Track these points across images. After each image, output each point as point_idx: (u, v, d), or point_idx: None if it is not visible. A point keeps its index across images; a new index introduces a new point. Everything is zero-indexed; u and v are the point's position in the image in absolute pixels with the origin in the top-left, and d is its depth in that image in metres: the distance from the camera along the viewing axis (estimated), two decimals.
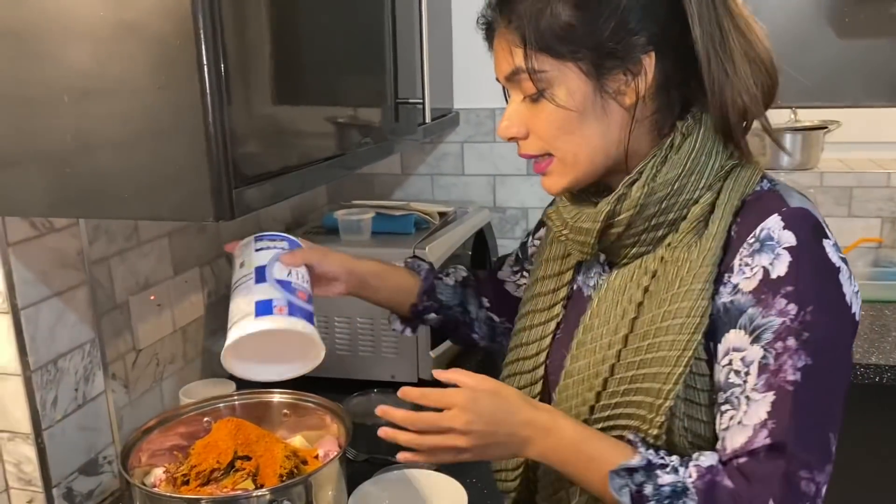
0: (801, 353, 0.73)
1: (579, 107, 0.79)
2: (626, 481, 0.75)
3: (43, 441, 1.06)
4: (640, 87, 0.78)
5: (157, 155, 0.82)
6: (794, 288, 0.74)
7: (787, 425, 0.72)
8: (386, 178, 2.14)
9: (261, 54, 0.93)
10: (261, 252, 0.95)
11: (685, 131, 0.80)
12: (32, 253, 1.03)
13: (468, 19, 1.94)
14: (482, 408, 0.79)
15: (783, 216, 0.76)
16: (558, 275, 0.95)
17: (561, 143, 0.82)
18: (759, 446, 0.72)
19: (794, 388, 0.72)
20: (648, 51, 0.77)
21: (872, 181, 1.96)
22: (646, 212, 0.80)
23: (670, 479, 0.74)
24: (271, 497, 0.89)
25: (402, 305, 1.13)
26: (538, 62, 0.78)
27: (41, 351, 1.05)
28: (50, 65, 0.82)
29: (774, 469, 0.72)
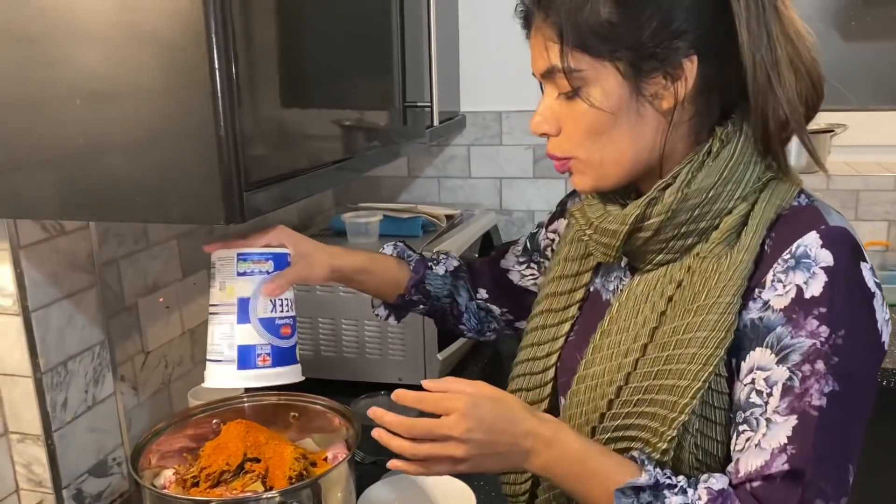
0: (829, 378, 0.70)
1: (614, 108, 0.76)
2: (632, 500, 0.72)
3: (53, 442, 1.06)
4: (680, 91, 0.75)
5: (168, 158, 0.82)
6: (827, 310, 0.71)
7: (809, 452, 0.70)
8: (393, 181, 2.15)
9: (270, 58, 0.94)
10: (243, 277, 0.91)
11: (724, 138, 0.77)
12: (43, 255, 1.04)
13: (474, 22, 1.96)
14: (483, 414, 0.75)
15: (822, 234, 0.73)
16: (576, 275, 0.93)
17: (589, 145, 0.79)
18: (776, 471, 0.70)
19: (819, 414, 0.70)
20: (690, 54, 0.74)
21: (879, 184, 1.96)
22: (677, 218, 0.77)
23: (679, 500, 0.71)
24: (281, 499, 0.90)
25: (390, 295, 1.12)
26: (574, 60, 0.75)
27: (51, 353, 1.06)
28: (62, 69, 0.82)
29: (789, 496, 0.69)
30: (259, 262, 0.92)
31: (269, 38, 0.94)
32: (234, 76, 0.81)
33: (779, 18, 0.74)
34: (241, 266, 0.92)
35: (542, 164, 2.04)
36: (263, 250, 0.94)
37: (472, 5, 1.97)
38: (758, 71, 0.74)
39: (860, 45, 2.11)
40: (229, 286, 0.91)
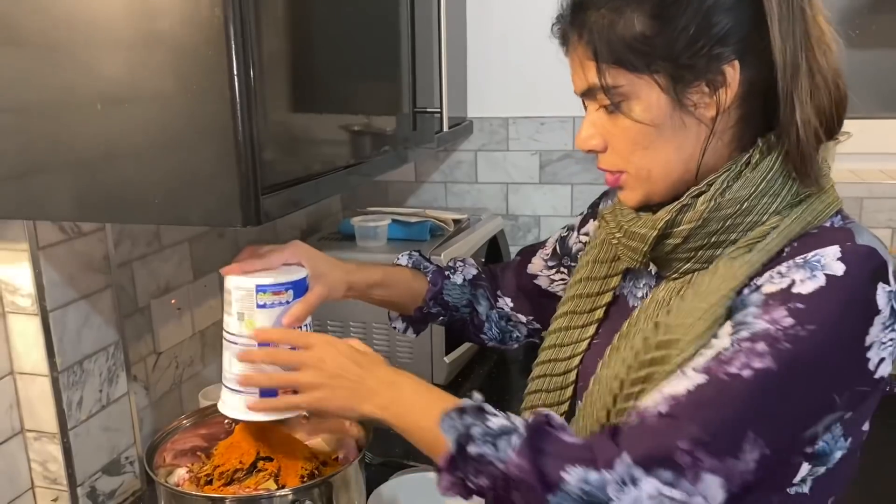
0: (767, 357, 0.67)
1: (656, 121, 0.75)
2: (456, 422, 0.73)
3: (69, 441, 1.08)
4: (723, 99, 0.74)
5: (186, 162, 0.84)
6: (805, 307, 0.68)
7: (694, 405, 0.68)
8: (400, 186, 2.17)
9: (284, 64, 0.95)
10: (263, 310, 0.89)
11: (765, 150, 0.75)
12: (61, 256, 1.06)
13: (482, 28, 1.98)
14: (339, 349, 0.84)
15: (843, 249, 0.70)
16: (605, 278, 0.91)
17: (636, 158, 0.78)
18: (653, 412, 0.69)
19: (729, 380, 0.67)
20: (731, 60, 0.72)
21: (883, 192, 1.97)
22: (707, 227, 0.76)
23: (501, 421, 0.73)
24: (293, 497, 0.91)
25: (408, 308, 1.11)
26: (612, 77, 0.75)
27: (68, 352, 1.07)
28: (82, 74, 0.84)
29: (651, 430, 0.68)
30: (279, 293, 0.90)
31: (283, 44, 0.95)
32: (252, 82, 0.82)
33: (805, 25, 0.73)
34: (260, 298, 0.89)
35: (548, 169, 2.05)
36: (282, 280, 0.91)
37: (480, 12, 1.99)
38: (785, 74, 0.72)
39: (864, 53, 2.12)
40: (248, 319, 0.89)
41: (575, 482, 0.67)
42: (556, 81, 1.98)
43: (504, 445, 0.71)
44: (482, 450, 0.71)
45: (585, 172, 2.02)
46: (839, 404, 0.70)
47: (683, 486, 0.66)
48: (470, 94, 2.04)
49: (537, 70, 1.99)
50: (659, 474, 0.66)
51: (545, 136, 2.03)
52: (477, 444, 0.71)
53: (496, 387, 1.60)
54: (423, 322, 1.13)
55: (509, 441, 0.71)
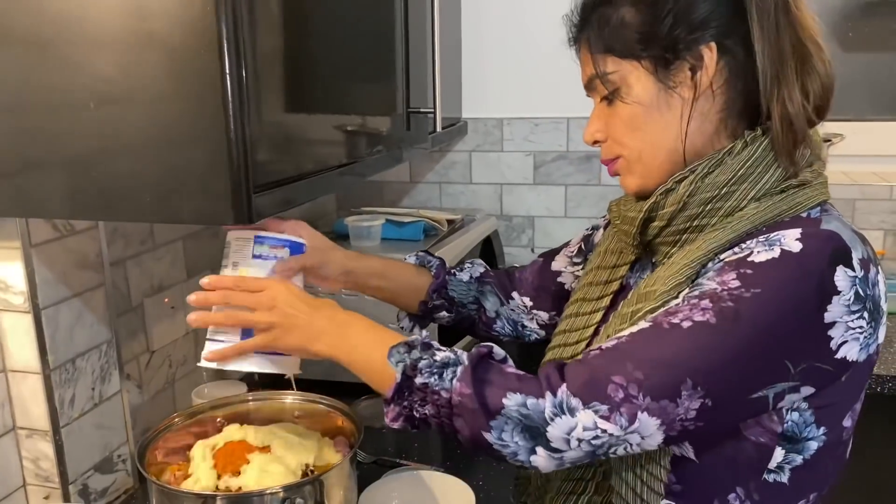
0: (708, 312, 0.71)
1: (644, 101, 0.81)
2: (404, 356, 0.78)
3: (61, 438, 1.08)
4: (703, 80, 0.79)
5: (179, 160, 0.84)
6: (753, 272, 0.71)
7: (632, 345, 0.72)
8: (395, 186, 2.17)
9: (277, 64, 0.96)
10: (258, 260, 0.92)
11: (749, 140, 0.79)
12: (54, 254, 1.06)
13: (477, 29, 1.98)
14: (292, 291, 0.88)
15: (804, 231, 0.73)
16: (613, 267, 0.95)
17: (628, 141, 0.84)
18: (594, 349, 0.74)
19: (669, 328, 0.72)
20: (709, 43, 0.78)
21: (876, 194, 1.98)
22: (688, 210, 0.80)
23: (447, 354, 0.77)
24: (284, 495, 0.91)
25: (411, 303, 1.12)
26: (604, 65, 0.82)
27: (60, 350, 1.08)
28: (76, 73, 0.84)
29: (589, 364, 0.73)
30: (275, 247, 0.94)
31: (277, 44, 0.96)
32: (244, 81, 0.82)
33: (787, 10, 0.77)
34: (257, 249, 0.92)
35: (543, 170, 2.06)
36: (281, 236, 0.95)
37: (475, 13, 1.99)
38: (766, 65, 0.77)
39: (858, 56, 2.13)
40: (242, 269, 0.92)
41: (514, 406, 0.72)
42: (550, 83, 2.00)
43: (449, 375, 0.75)
44: (428, 380, 0.76)
45: (579, 173, 2.03)
46: (793, 374, 0.71)
47: (618, 421, 0.70)
48: (465, 94, 2.05)
49: (532, 71, 2.00)
50: (595, 407, 0.70)
51: (539, 136, 2.03)
52: (423, 375, 0.76)
53: None
54: (427, 317, 1.14)
55: (455, 371, 0.75)
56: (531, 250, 2.12)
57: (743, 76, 0.79)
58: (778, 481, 0.77)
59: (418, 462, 1.23)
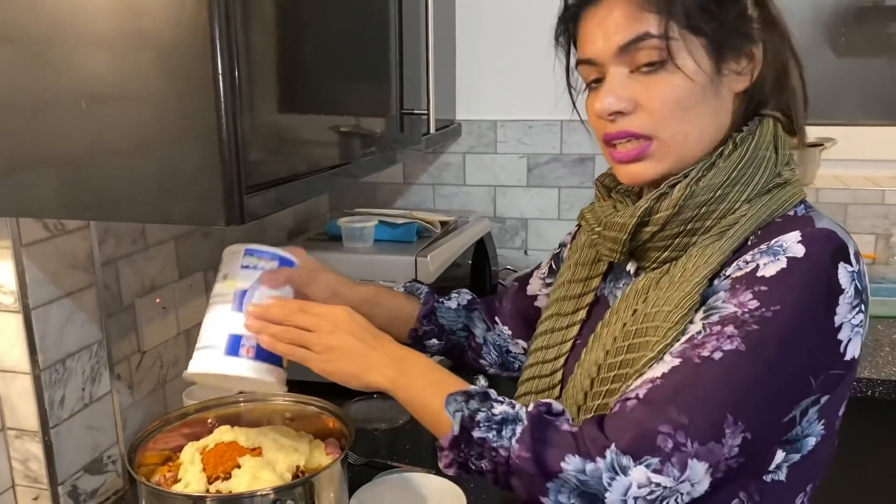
0: (736, 339, 0.70)
1: (702, 81, 0.78)
2: (462, 406, 0.75)
3: (50, 439, 1.08)
4: (753, 74, 0.80)
5: (171, 160, 0.84)
6: (768, 288, 0.72)
7: (670, 387, 0.71)
8: (388, 187, 2.17)
9: (270, 64, 0.96)
10: (246, 271, 0.93)
11: (738, 142, 0.79)
12: (44, 254, 1.05)
13: (471, 31, 1.98)
14: (355, 319, 0.87)
15: (804, 233, 0.74)
16: (586, 280, 0.94)
17: (674, 121, 0.78)
18: (632, 396, 0.72)
19: (701, 362, 0.71)
20: (758, 43, 0.80)
21: (867, 198, 1.99)
22: (683, 214, 0.79)
23: (505, 409, 0.75)
24: (275, 497, 0.91)
25: (401, 331, 1.10)
26: (665, 27, 0.76)
27: (50, 350, 1.07)
28: (68, 72, 0.84)
29: (633, 417, 0.70)
30: (264, 259, 0.94)
31: (270, 45, 0.95)
32: (237, 83, 0.82)
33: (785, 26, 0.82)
34: (245, 260, 0.94)
35: (536, 172, 2.06)
36: (271, 250, 0.95)
37: (469, 14, 1.99)
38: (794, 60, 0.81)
39: (851, 61, 2.14)
40: (230, 279, 0.93)
41: (573, 471, 0.70)
42: (544, 85, 1.99)
43: (507, 433, 0.73)
44: (485, 435, 0.74)
45: (573, 176, 2.03)
46: (815, 387, 0.73)
47: (670, 472, 0.68)
48: (459, 96, 2.05)
49: (526, 73, 2.00)
50: (646, 461, 0.68)
51: (533, 139, 2.04)
52: (480, 429, 0.74)
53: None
54: (418, 344, 1.12)
55: (513, 430, 0.73)
56: (524, 252, 2.12)
57: (764, 83, 0.82)
58: (776, 480, 0.78)
59: (410, 464, 1.23)
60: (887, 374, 1.55)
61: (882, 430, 1.59)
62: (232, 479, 0.97)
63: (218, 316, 0.91)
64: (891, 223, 1.99)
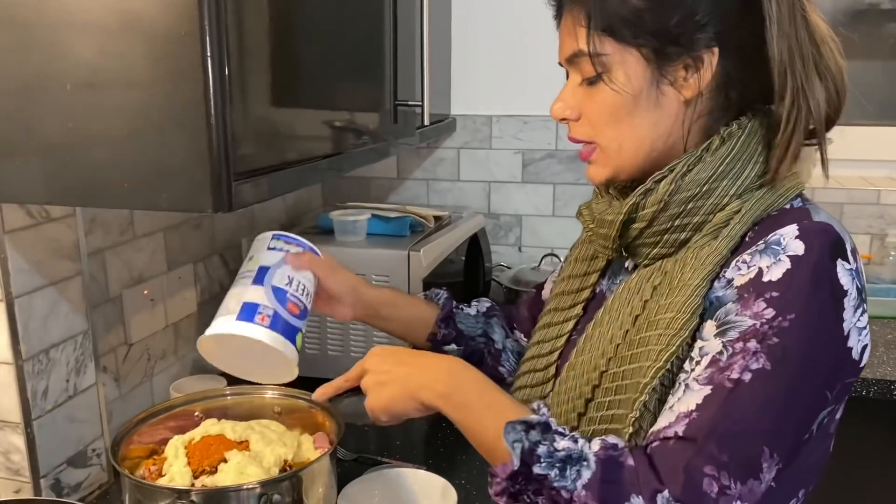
0: (761, 356, 0.69)
1: (635, 92, 0.77)
2: (521, 436, 0.71)
3: (32, 431, 1.05)
4: (698, 83, 0.77)
5: (158, 146, 0.82)
6: (779, 294, 0.70)
7: (707, 420, 0.68)
8: (382, 182, 2.15)
9: (262, 52, 0.94)
10: (271, 252, 0.95)
11: (726, 136, 0.78)
12: (28, 242, 1.03)
13: (467, 26, 1.97)
14: (388, 349, 0.87)
15: (801, 227, 0.73)
16: (584, 275, 0.93)
17: (609, 131, 0.80)
18: (671, 433, 0.69)
19: (734, 387, 0.69)
20: (712, 46, 0.76)
21: (863, 198, 1.98)
22: (669, 210, 0.78)
23: (568, 444, 0.70)
24: (262, 491, 0.89)
25: (419, 335, 1.11)
26: (600, 44, 0.77)
27: (33, 340, 1.05)
28: (52, 55, 0.82)
29: (678, 458, 0.68)
30: (291, 244, 0.97)
31: (262, 32, 0.94)
32: (226, 68, 0.81)
33: (806, 22, 0.75)
34: (272, 243, 0.97)
35: (531, 168, 2.05)
36: (298, 237, 0.98)
37: (465, 9, 1.98)
38: (786, 71, 0.74)
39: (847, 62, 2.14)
40: (256, 257, 0.95)
41: None
42: (540, 80, 1.98)
43: (571, 474, 0.69)
44: (547, 472, 0.70)
45: (568, 172, 2.02)
46: (830, 400, 0.73)
47: None
48: (454, 91, 2.04)
49: (522, 68, 1.99)
50: None
51: (528, 134, 2.02)
52: (541, 465, 0.70)
53: None
54: (438, 351, 1.11)
55: (578, 471, 0.69)
56: (518, 249, 2.10)
57: (736, 85, 0.78)
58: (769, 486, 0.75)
59: (400, 460, 1.21)
60: (882, 374, 1.55)
61: (877, 430, 1.58)
62: (218, 473, 0.95)
63: (238, 289, 0.92)
64: (886, 223, 1.98)
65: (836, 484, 1.23)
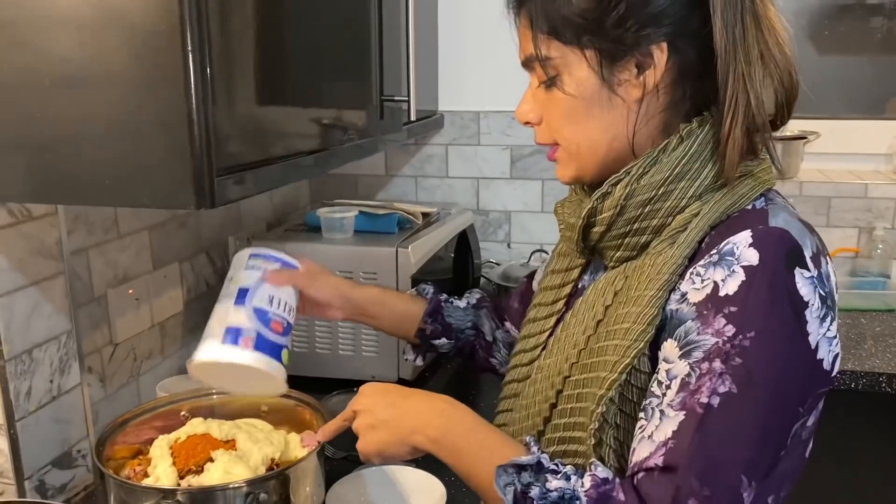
0: (726, 378, 0.67)
1: (585, 95, 0.77)
2: (513, 479, 0.70)
3: (16, 432, 1.04)
4: (649, 81, 0.75)
5: (139, 142, 0.81)
6: (738, 309, 0.68)
7: (684, 449, 0.67)
8: (370, 180, 2.14)
9: (245, 47, 0.93)
10: (250, 272, 0.95)
11: (685, 134, 0.75)
12: (9, 240, 1.02)
13: (454, 21, 1.96)
14: (379, 388, 0.86)
15: (754, 233, 0.70)
16: (566, 270, 0.93)
17: (566, 133, 0.80)
18: (653, 464, 0.68)
19: (704, 412, 0.67)
20: (660, 42, 0.74)
21: (850, 192, 1.99)
22: (626, 213, 0.77)
23: (560, 484, 0.69)
24: (248, 489, 0.88)
25: (408, 332, 1.11)
26: (545, 48, 0.77)
27: (16, 340, 1.03)
28: (32, 52, 0.81)
29: (665, 491, 0.66)
30: (267, 261, 0.97)
31: (245, 26, 0.93)
32: (208, 64, 0.80)
33: (754, 11, 0.73)
34: (250, 262, 0.97)
35: (520, 164, 2.04)
36: (275, 253, 0.99)
37: (452, 5, 1.97)
38: (728, 59, 0.72)
39: (831, 58, 2.15)
40: (235, 277, 0.96)
41: None
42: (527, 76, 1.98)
43: None
44: None
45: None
46: (802, 413, 0.72)
47: None
48: (441, 87, 2.03)
49: (509, 64, 1.95)
50: None
51: (517, 130, 2.01)
52: None
53: (462, 384, 1.58)
54: (427, 345, 1.12)
55: None
56: (507, 245, 2.10)
57: (692, 78, 0.76)
58: None
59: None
60: (870, 367, 1.55)
61: (864, 422, 1.59)
62: (204, 472, 0.94)
63: (221, 311, 0.92)
64: (873, 216, 1.99)
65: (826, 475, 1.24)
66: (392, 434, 0.82)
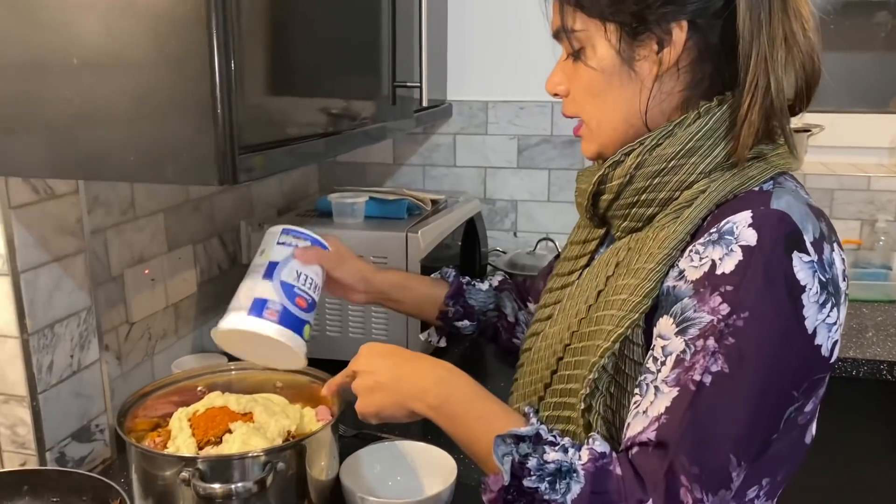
0: (719, 357, 0.67)
1: (606, 69, 0.78)
2: (511, 449, 0.71)
3: (38, 405, 1.07)
4: (666, 58, 0.76)
5: (165, 121, 0.83)
6: (733, 289, 0.68)
7: (676, 426, 0.67)
8: (378, 168, 2.17)
9: (265, 30, 0.95)
10: (281, 247, 0.98)
11: (702, 111, 0.76)
12: (33, 217, 1.04)
13: (462, 11, 1.98)
14: (380, 349, 0.88)
15: (755, 214, 0.70)
16: (584, 242, 0.94)
17: (588, 107, 0.82)
18: (646, 439, 0.68)
19: (696, 390, 0.67)
20: (681, 20, 0.75)
21: (853, 184, 2.01)
22: (634, 183, 0.78)
23: (557, 456, 0.70)
24: (266, 458, 0.91)
25: (430, 314, 1.13)
26: (572, 20, 0.79)
27: (39, 315, 1.06)
28: (58, 33, 0.83)
29: (658, 466, 0.67)
30: (299, 238, 1.00)
31: (265, 12, 0.95)
32: (231, 46, 0.82)
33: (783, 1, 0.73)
34: (282, 238, 0.99)
35: (526, 154, 2.06)
36: (306, 231, 1.01)
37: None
38: (752, 43, 0.73)
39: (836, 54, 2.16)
40: (266, 252, 0.98)
41: None
42: (535, 66, 1.99)
43: (562, 488, 0.69)
44: (537, 485, 0.69)
45: (563, 158, 2.04)
46: (797, 397, 0.71)
47: None
48: (450, 76, 2.05)
49: (517, 54, 2.00)
50: None
51: (524, 120, 2.04)
52: (531, 479, 0.70)
53: (471, 365, 1.61)
54: (450, 327, 1.14)
55: (568, 485, 0.69)
56: (514, 234, 2.12)
57: (714, 59, 0.76)
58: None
59: (400, 437, 1.23)
60: (872, 355, 1.57)
61: (866, 410, 1.61)
62: (223, 443, 0.97)
63: (249, 283, 0.95)
64: (876, 209, 2.01)
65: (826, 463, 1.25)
66: (391, 398, 0.83)
